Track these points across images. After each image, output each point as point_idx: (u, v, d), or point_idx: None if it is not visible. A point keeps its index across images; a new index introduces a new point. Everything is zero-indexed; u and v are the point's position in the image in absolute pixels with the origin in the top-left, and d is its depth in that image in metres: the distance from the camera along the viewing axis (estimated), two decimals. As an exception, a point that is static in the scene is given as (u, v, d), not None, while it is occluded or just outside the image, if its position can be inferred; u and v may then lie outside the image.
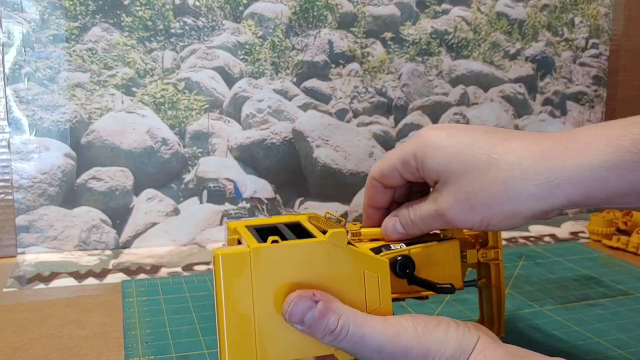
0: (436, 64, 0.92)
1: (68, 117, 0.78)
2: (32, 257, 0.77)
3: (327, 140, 0.87)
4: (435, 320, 0.42)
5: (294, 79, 0.86)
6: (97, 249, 0.80)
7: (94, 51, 0.78)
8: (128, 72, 0.79)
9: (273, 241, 0.41)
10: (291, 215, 0.49)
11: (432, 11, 0.91)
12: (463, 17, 0.92)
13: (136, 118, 0.80)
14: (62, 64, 0.77)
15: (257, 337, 0.40)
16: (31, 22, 0.75)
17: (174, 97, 0.81)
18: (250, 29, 0.83)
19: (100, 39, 0.78)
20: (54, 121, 0.77)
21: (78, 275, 0.72)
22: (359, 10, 0.87)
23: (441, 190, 0.44)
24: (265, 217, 0.51)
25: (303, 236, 0.43)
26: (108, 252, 0.80)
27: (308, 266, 0.41)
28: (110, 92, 0.79)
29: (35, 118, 0.77)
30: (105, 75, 0.78)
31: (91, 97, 0.78)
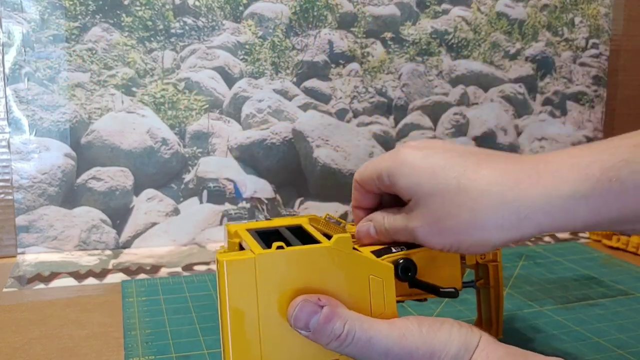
0: (436, 64, 0.92)
1: (68, 117, 0.78)
2: (32, 257, 0.77)
3: (327, 140, 0.87)
4: (438, 321, 0.42)
5: (294, 79, 0.86)
6: (97, 249, 0.80)
7: (94, 51, 0.78)
8: (128, 72, 0.79)
9: (278, 247, 0.41)
10: (291, 217, 0.49)
11: (432, 11, 0.91)
12: (463, 17, 0.92)
13: (136, 118, 0.80)
14: (62, 64, 0.77)
15: (262, 344, 0.40)
16: (31, 22, 0.75)
17: (174, 97, 0.81)
18: (250, 29, 0.83)
19: (100, 39, 0.78)
20: (54, 121, 0.77)
21: (78, 275, 0.72)
22: (359, 10, 0.87)
23: (413, 208, 0.44)
24: (264, 220, 0.50)
25: (306, 240, 0.43)
26: (108, 252, 0.80)
27: (313, 272, 0.41)
28: (110, 92, 0.79)
29: (35, 118, 0.77)
30: (105, 75, 0.78)
31: (91, 97, 0.78)
